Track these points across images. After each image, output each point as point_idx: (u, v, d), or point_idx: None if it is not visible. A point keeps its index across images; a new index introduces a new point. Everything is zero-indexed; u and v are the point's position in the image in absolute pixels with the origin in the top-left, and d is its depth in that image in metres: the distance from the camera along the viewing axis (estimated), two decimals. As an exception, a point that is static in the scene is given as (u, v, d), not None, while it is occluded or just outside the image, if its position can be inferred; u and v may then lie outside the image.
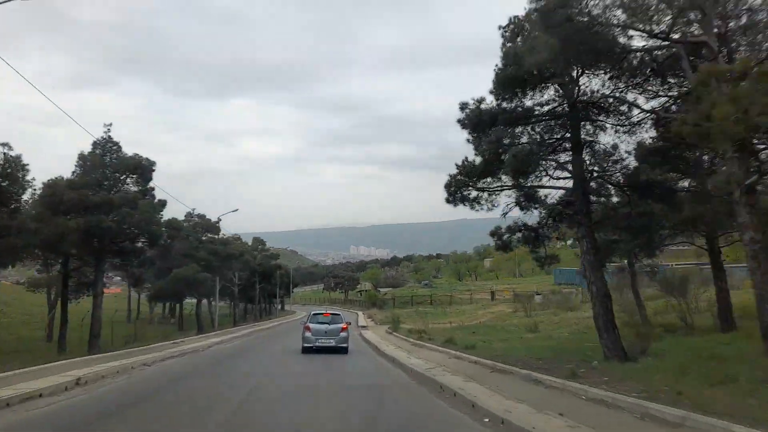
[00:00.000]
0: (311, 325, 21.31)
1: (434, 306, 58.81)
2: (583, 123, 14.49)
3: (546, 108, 14.46)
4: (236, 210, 54.33)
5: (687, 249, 30.31)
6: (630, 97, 14.06)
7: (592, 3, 11.24)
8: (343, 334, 21.09)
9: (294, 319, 63.48)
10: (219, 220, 42.84)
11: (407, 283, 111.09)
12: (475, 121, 14.18)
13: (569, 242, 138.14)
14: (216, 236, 44.16)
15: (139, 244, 27.41)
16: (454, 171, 14.90)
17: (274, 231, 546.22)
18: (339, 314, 23.41)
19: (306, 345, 20.87)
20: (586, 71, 13.41)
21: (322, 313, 22.56)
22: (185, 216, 42.22)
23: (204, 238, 43.19)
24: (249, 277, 51.84)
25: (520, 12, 13.39)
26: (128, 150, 26.89)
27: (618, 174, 14.88)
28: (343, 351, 20.70)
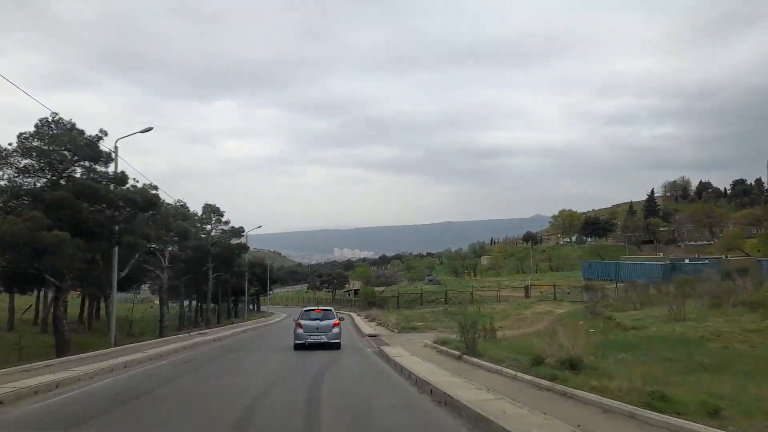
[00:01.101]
0: (303, 322, 21.20)
1: (453, 305, 44.93)
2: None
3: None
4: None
5: None
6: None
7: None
8: (335, 330, 20.97)
9: (269, 323, 48.90)
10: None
11: (400, 282, 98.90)
12: None
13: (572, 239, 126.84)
14: (105, 168, 23.03)
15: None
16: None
17: (257, 233, 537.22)
18: (331, 310, 23.10)
19: (298, 342, 20.85)
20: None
21: (313, 310, 22.96)
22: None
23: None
24: (198, 261, 37.23)
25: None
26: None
27: None
28: (336, 347, 20.63)
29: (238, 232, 44.10)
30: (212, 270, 40.45)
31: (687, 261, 63.94)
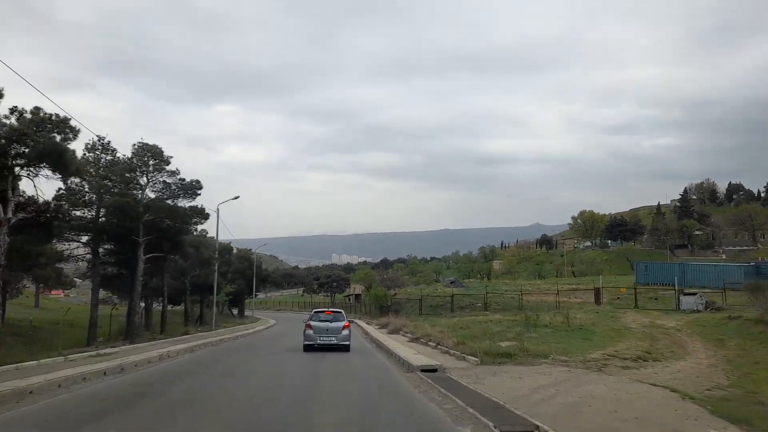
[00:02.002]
0: (313, 323, 21.31)
1: (499, 311, 33.88)
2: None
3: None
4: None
5: None
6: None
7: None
8: (345, 332, 21.06)
9: (248, 332, 37.34)
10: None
11: (406, 286, 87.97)
12: None
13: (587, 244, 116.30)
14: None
15: None
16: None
17: (255, 238, 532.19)
18: (341, 312, 23.67)
19: (308, 343, 20.82)
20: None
21: (323, 311, 23.83)
22: None
23: None
24: (126, 234, 25.28)
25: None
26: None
27: None
28: (345, 349, 20.66)
29: (193, 189, 28.94)
30: (147, 247, 27.13)
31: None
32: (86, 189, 24.86)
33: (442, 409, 9.07)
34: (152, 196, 28.13)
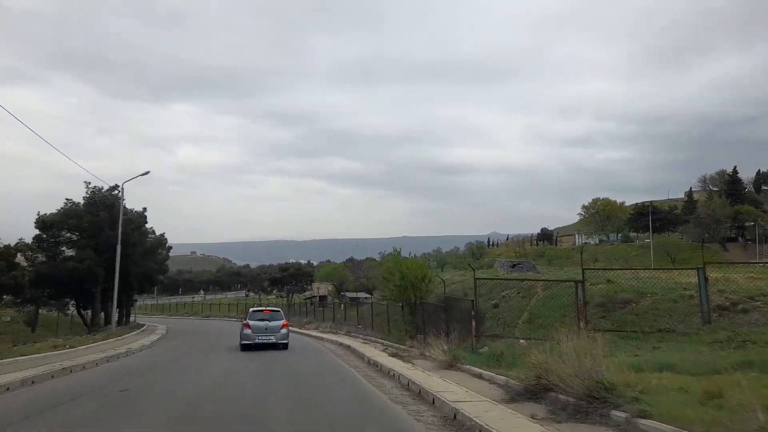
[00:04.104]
0: (251, 322, 20.85)
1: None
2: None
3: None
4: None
5: None
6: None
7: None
8: (283, 330, 20.93)
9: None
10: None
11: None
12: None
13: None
14: None
15: None
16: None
17: (211, 242, 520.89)
18: (279, 311, 22.89)
19: (245, 342, 20.53)
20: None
21: (261, 310, 22.78)
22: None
23: None
24: None
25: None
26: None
27: None
28: (283, 347, 20.70)
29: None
30: None
31: None
32: None
33: None
34: None
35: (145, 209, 40.01)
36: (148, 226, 41.47)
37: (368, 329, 27.46)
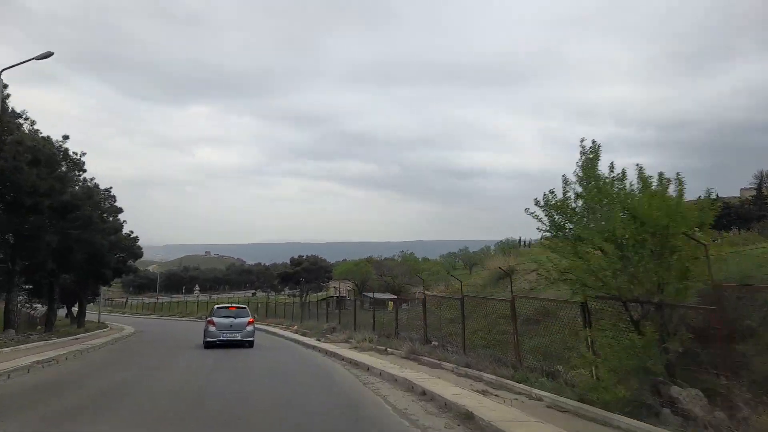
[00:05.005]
0: (216, 319, 20.06)
1: None
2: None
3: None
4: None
5: None
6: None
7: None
8: (249, 328, 20.20)
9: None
10: None
11: (412, 287, 49.55)
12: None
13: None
14: None
15: None
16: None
17: (225, 243, 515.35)
18: (245, 308, 22.06)
19: (209, 340, 19.66)
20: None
21: (227, 307, 21.97)
22: None
23: None
24: None
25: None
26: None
27: None
28: (249, 345, 19.88)
29: None
30: None
31: None
32: None
33: None
34: None
35: (66, 137, 23.62)
36: (87, 176, 27.11)
37: (457, 347, 14.22)
